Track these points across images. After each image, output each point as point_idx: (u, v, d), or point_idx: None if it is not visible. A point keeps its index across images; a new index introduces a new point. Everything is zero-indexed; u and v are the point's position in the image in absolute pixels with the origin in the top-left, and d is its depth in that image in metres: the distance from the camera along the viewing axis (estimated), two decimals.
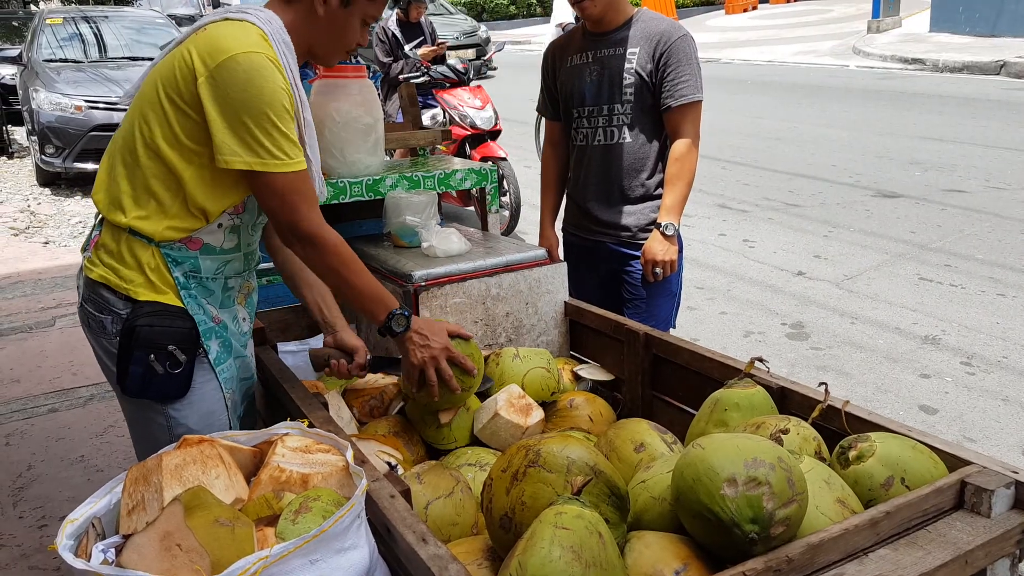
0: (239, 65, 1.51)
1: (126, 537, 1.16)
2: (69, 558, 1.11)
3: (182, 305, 1.67)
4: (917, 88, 11.59)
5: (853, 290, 4.86)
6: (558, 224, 2.79)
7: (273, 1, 1.71)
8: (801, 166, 7.80)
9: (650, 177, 2.53)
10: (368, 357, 2.00)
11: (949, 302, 4.59)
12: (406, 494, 1.36)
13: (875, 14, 16.91)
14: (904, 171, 7.37)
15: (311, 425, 1.49)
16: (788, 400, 1.64)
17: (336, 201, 2.48)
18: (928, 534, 1.22)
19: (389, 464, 1.61)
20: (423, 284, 2.14)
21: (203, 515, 1.10)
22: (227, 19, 1.61)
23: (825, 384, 1.57)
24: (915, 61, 13.48)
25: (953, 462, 1.35)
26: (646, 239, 2.51)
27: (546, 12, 27.01)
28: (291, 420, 1.48)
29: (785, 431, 1.41)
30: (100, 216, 1.71)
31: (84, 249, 1.76)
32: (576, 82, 2.54)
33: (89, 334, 1.75)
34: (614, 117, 2.49)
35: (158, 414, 1.70)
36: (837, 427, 1.52)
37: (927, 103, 10.43)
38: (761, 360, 1.67)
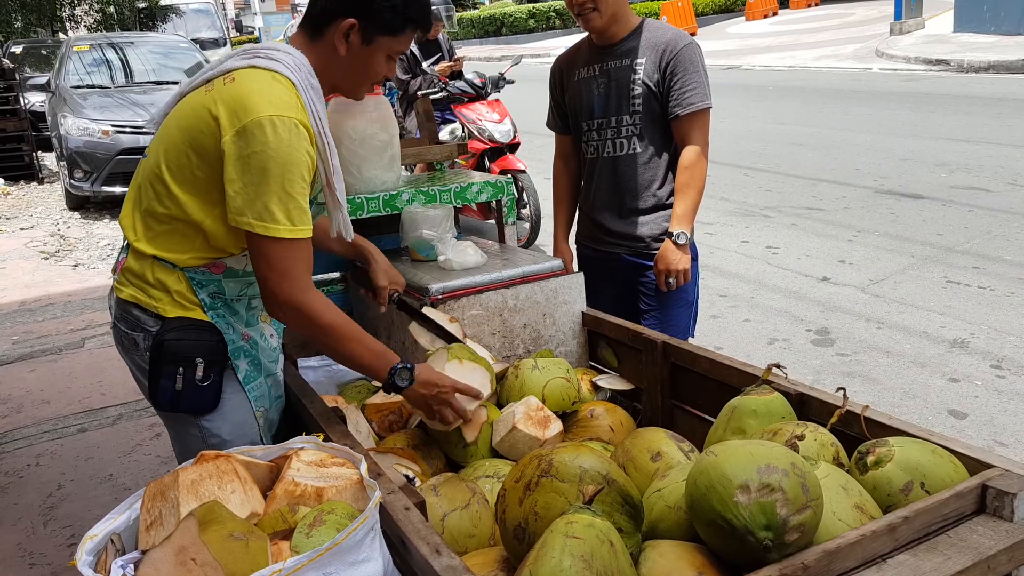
0: (264, 130, 1.50)
1: (145, 552, 1.17)
2: (88, 573, 1.13)
3: (209, 320, 1.70)
4: (942, 89, 11.45)
5: (879, 295, 4.80)
6: (572, 238, 2.79)
7: (296, 38, 1.71)
8: (824, 171, 7.73)
9: (661, 187, 2.51)
10: (395, 296, 2.10)
11: (978, 304, 4.51)
12: (420, 506, 1.36)
13: (897, 16, 16.76)
14: (930, 173, 7.28)
15: (326, 439, 1.50)
16: (807, 406, 1.62)
17: (354, 217, 2.50)
18: (948, 539, 1.19)
19: (407, 477, 1.62)
20: (440, 297, 2.15)
21: (217, 529, 1.11)
22: (255, 67, 1.59)
23: (843, 389, 1.55)
24: (939, 62, 13.34)
25: (975, 466, 1.33)
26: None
27: (565, 25, 27.08)
28: (307, 434, 1.50)
29: (801, 437, 1.39)
30: (127, 240, 1.74)
31: (114, 271, 1.79)
32: (584, 95, 2.54)
33: (123, 352, 1.78)
34: (623, 128, 2.48)
35: (192, 426, 1.73)
36: (857, 432, 1.50)
37: (952, 104, 10.30)
38: (779, 366, 1.65)
